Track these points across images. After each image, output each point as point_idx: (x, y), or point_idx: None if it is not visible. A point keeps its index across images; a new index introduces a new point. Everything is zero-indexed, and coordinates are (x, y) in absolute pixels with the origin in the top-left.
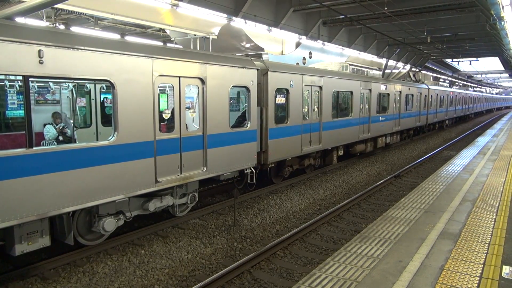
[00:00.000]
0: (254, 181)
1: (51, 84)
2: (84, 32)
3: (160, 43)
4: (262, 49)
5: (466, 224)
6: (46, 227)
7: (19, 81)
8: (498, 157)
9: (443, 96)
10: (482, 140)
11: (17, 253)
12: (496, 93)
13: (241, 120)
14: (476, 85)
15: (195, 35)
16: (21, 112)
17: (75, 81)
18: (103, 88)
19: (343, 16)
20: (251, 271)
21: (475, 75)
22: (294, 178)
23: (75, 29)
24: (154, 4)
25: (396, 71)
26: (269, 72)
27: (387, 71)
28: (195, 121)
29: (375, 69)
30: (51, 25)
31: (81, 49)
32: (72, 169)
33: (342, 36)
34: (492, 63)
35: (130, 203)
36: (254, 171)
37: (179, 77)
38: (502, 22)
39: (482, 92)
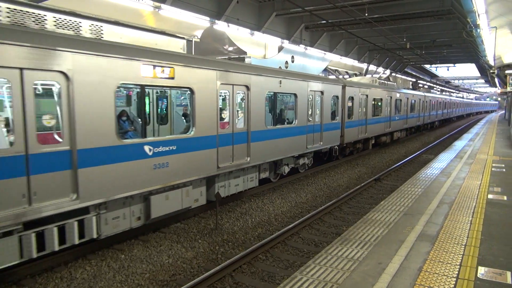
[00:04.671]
0: (337, 154)
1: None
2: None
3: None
4: (245, 53)
5: (443, 226)
6: (272, 167)
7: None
8: (474, 161)
9: (434, 102)
10: (459, 144)
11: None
12: (475, 98)
13: (332, 116)
14: (454, 91)
15: None
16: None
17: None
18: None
19: (324, 21)
20: (232, 275)
21: (453, 81)
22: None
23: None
24: (137, 6)
25: (376, 76)
26: (346, 87)
27: (368, 75)
28: (316, 116)
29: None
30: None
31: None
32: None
33: (324, 41)
34: (469, 69)
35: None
36: (337, 148)
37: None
38: (478, 30)
39: (462, 97)
